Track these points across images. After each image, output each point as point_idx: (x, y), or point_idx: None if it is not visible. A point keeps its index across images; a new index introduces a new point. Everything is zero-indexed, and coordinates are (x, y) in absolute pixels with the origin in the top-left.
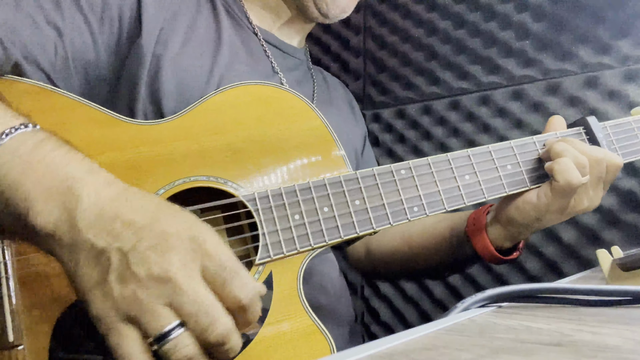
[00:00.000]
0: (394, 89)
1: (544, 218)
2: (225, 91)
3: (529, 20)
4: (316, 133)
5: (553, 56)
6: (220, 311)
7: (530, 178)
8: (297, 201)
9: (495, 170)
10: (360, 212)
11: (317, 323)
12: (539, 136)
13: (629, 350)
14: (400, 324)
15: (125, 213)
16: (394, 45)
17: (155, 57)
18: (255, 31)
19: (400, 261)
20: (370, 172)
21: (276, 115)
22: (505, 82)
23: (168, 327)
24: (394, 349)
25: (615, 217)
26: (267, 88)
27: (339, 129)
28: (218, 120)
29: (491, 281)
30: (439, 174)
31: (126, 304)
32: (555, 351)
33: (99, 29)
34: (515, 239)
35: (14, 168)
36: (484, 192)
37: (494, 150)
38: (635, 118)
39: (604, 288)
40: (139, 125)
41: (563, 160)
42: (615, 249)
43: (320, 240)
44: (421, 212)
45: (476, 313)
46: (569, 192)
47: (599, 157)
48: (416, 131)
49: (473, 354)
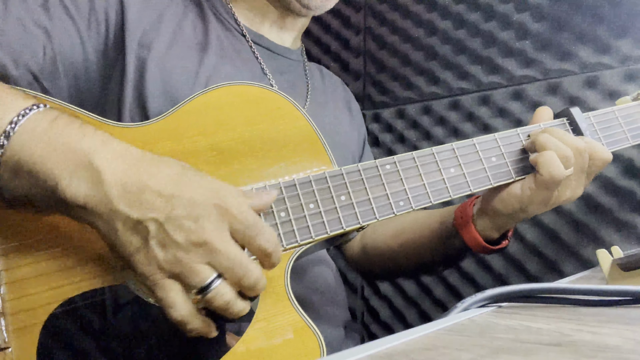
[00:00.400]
0: (394, 89)
1: (527, 209)
2: (210, 92)
3: (529, 20)
4: (302, 133)
5: (553, 56)
6: (250, 262)
7: (515, 169)
8: (282, 198)
9: (480, 163)
10: (346, 207)
11: (306, 319)
12: (523, 128)
13: (629, 350)
14: (400, 324)
15: (150, 183)
16: (394, 45)
17: (139, 60)
18: (243, 33)
19: (394, 257)
20: (355, 167)
21: (262, 115)
22: (505, 82)
23: (209, 279)
24: (394, 349)
25: (615, 217)
26: (252, 88)
27: (334, 130)
28: (203, 121)
29: (491, 281)
30: (424, 167)
31: (170, 265)
32: (555, 351)
33: (87, 32)
34: (502, 229)
35: (36, 146)
36: (469, 184)
37: (478, 143)
38: (618, 107)
39: (604, 288)
40: (124, 127)
41: (547, 154)
42: (615, 249)
43: (306, 236)
44: (407, 206)
45: (476, 313)
46: (553, 185)
47: (581, 147)
48: (416, 131)
49: (473, 354)
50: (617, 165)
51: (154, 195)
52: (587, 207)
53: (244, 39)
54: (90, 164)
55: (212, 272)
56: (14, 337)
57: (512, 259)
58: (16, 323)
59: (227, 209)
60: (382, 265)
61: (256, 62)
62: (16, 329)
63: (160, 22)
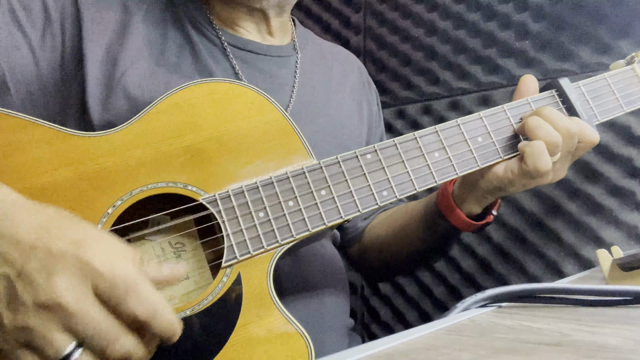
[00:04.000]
0: (394, 89)
1: (507, 189)
2: (177, 92)
3: (529, 20)
4: (276, 126)
5: (553, 56)
6: (118, 330)
7: (502, 148)
8: (259, 198)
9: (466, 144)
10: (327, 202)
11: (291, 320)
12: (509, 104)
13: (628, 350)
14: (400, 324)
15: (12, 231)
16: (394, 45)
17: (105, 76)
18: (218, 35)
19: (388, 248)
20: (334, 160)
21: (234, 112)
22: (505, 82)
23: (66, 351)
24: (394, 349)
25: (615, 217)
26: (221, 85)
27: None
28: (173, 123)
29: (491, 281)
30: (407, 153)
31: (20, 333)
32: (555, 351)
33: (40, 45)
34: (482, 203)
35: None
36: (455, 167)
37: (463, 124)
38: (610, 73)
39: (604, 288)
40: (92, 137)
41: (535, 144)
42: (615, 249)
43: (287, 235)
44: (391, 195)
45: (476, 313)
46: (535, 176)
47: (572, 131)
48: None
49: (473, 354)
50: (617, 165)
51: (12, 245)
52: (587, 207)
53: (219, 41)
54: None
55: (68, 341)
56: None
57: (513, 259)
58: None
59: (89, 262)
60: (379, 259)
61: (229, 64)
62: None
63: (124, 33)
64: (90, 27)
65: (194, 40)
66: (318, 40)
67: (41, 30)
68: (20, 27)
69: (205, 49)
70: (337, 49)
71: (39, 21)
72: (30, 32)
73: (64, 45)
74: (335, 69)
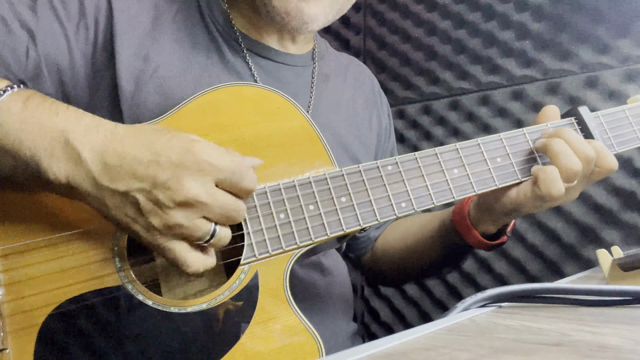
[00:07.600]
0: (394, 89)
1: (520, 210)
2: (209, 93)
3: (529, 20)
4: (302, 133)
5: (553, 56)
6: (239, 203)
7: (521, 170)
8: (282, 200)
9: (485, 164)
10: (346, 209)
11: (305, 322)
12: (529, 128)
13: (629, 350)
14: (400, 324)
15: (127, 153)
16: (394, 45)
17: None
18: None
19: (401, 260)
20: (356, 168)
21: (261, 115)
22: (505, 82)
23: (210, 231)
24: (394, 349)
25: (615, 217)
26: (252, 89)
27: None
28: (202, 123)
29: (491, 281)
30: (427, 168)
31: (169, 229)
32: (555, 351)
33: (75, 36)
34: (497, 224)
35: (12, 126)
36: (473, 185)
37: (483, 143)
38: (629, 106)
39: (604, 288)
40: None
41: (549, 170)
42: (615, 249)
43: (306, 238)
44: (409, 207)
45: (476, 313)
46: (548, 200)
47: (590, 157)
48: (416, 131)
49: (473, 354)
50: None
51: (134, 164)
52: (587, 207)
53: (239, 47)
54: (67, 142)
55: (209, 224)
56: (12, 338)
57: (513, 259)
58: (14, 325)
59: (206, 161)
60: (392, 270)
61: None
62: (14, 330)
63: (155, 30)
64: (122, 22)
65: (219, 42)
66: (332, 50)
67: (76, 21)
68: (57, 16)
69: (230, 52)
70: (350, 60)
71: (74, 13)
72: (66, 23)
73: (97, 38)
74: (349, 80)
